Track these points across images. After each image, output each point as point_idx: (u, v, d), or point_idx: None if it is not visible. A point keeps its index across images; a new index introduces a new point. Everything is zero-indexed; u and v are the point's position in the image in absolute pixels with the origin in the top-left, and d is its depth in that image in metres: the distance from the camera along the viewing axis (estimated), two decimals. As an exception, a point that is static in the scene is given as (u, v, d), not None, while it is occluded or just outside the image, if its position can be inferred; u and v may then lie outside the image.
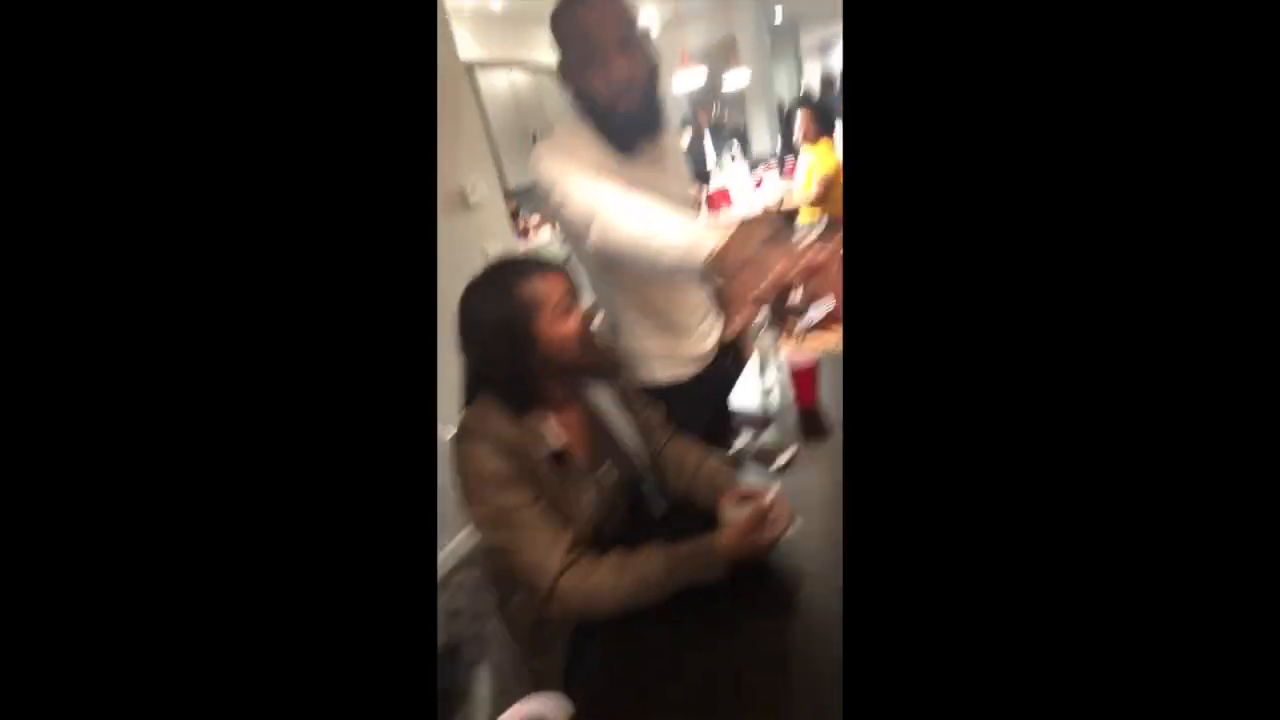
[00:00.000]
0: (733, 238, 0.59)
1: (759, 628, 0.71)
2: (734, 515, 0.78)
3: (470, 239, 2.16)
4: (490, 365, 0.80)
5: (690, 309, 1.10)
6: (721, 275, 0.57)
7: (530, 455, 0.79)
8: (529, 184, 3.52)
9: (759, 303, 0.50)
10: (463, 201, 2.12)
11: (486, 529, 0.76)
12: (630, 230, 0.72)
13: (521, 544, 0.75)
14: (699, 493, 0.91)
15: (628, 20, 0.88)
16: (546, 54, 3.59)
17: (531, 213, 3.85)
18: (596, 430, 0.91)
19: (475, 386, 0.83)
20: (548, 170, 0.87)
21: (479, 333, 0.80)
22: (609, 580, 0.74)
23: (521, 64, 4.02)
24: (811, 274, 0.49)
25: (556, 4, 0.89)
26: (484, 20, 3.58)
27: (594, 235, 0.77)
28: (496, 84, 3.97)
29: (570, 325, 0.80)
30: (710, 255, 0.60)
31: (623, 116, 0.91)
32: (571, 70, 0.92)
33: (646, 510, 0.99)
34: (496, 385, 0.81)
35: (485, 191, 2.18)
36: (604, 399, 0.93)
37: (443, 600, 1.21)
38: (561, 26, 0.89)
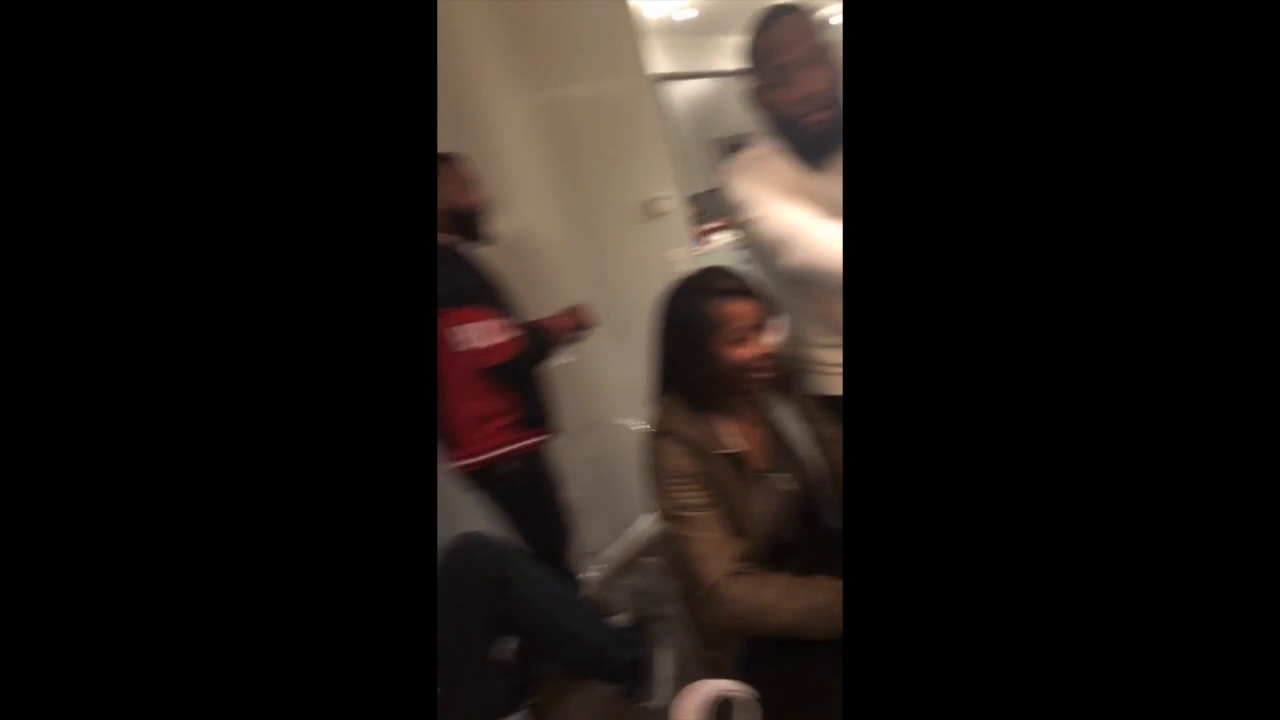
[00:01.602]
0: None
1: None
2: None
3: (652, 248, 2.27)
4: (676, 367, 0.88)
5: None
6: None
7: (710, 456, 0.85)
8: (707, 191, 3.59)
9: None
10: (649, 211, 2.23)
11: (669, 522, 0.84)
12: (830, 255, 0.77)
13: (691, 542, 0.81)
14: None
15: (817, 33, 0.90)
16: (726, 63, 3.61)
17: (709, 220, 3.91)
18: (775, 440, 0.95)
19: (665, 383, 0.91)
20: (744, 188, 0.93)
21: (669, 334, 0.88)
22: (778, 600, 0.77)
23: (702, 74, 4.12)
24: None
25: (750, 30, 0.93)
26: (667, 34, 3.72)
27: (792, 257, 0.83)
28: (678, 95, 4.12)
29: (747, 352, 0.84)
30: None
31: (814, 129, 0.93)
32: (762, 90, 0.96)
33: (821, 522, 1.00)
34: (681, 385, 0.89)
35: (670, 201, 2.28)
36: (782, 411, 0.96)
37: (629, 580, 1.33)
38: (755, 49, 0.93)
